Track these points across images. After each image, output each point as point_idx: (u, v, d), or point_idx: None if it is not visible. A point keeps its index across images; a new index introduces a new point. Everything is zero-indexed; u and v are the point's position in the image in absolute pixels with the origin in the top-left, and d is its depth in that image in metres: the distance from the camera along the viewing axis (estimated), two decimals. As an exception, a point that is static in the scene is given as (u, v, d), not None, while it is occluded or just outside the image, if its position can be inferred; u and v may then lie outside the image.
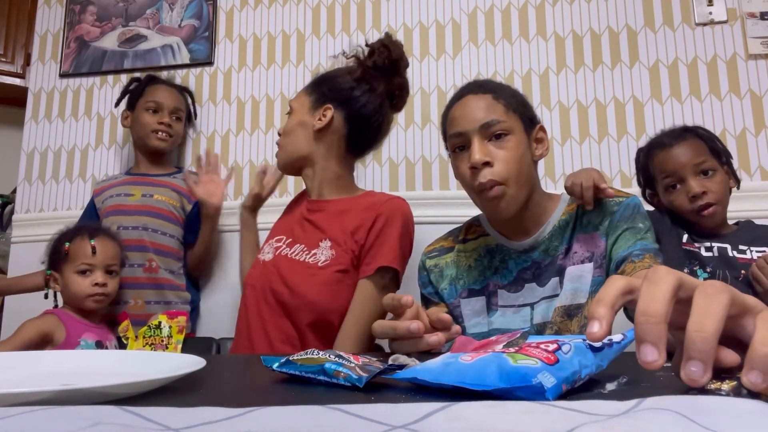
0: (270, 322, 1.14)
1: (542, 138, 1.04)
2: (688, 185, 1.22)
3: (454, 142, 1.01)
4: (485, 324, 1.03)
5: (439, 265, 1.11)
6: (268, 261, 1.21)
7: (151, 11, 1.93)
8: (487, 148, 0.96)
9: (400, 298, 0.75)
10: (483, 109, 0.98)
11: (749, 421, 0.26)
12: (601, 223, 1.00)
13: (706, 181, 1.22)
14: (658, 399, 0.29)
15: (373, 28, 1.79)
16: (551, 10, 1.70)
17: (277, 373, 0.51)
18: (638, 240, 0.95)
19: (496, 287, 1.04)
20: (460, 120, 0.99)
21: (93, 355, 0.64)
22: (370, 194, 1.27)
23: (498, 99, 0.99)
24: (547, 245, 1.01)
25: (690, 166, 1.22)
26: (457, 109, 1.01)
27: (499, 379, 0.38)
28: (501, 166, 0.95)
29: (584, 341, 0.43)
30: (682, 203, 1.24)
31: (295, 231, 1.23)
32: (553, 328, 0.98)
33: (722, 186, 1.24)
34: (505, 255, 1.05)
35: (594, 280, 0.98)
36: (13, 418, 0.27)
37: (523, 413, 0.28)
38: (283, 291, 1.14)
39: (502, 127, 0.96)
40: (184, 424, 0.27)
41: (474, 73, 1.70)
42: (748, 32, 1.56)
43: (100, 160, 1.89)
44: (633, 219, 0.98)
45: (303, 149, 1.25)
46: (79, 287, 1.32)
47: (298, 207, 1.31)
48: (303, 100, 1.28)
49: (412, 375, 0.43)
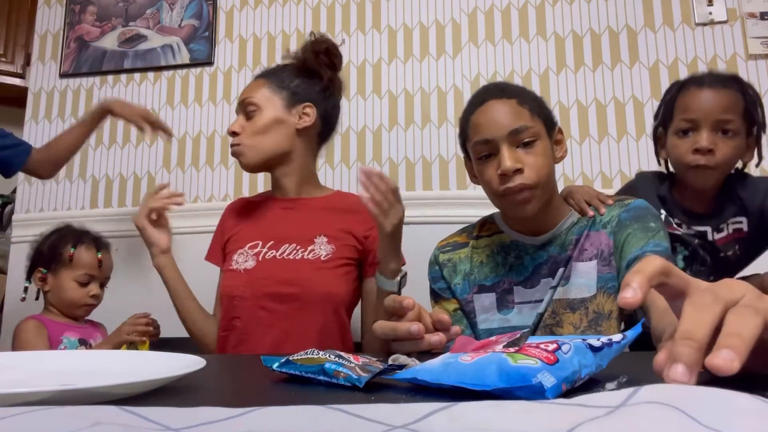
0: (275, 326, 1.14)
1: (561, 140, 1.04)
2: (700, 136, 1.11)
3: (479, 149, 0.98)
4: (495, 320, 1.03)
5: (452, 260, 1.11)
6: (252, 268, 1.18)
7: (151, 11, 1.93)
8: (517, 154, 0.95)
9: (402, 301, 0.75)
10: (509, 114, 0.96)
11: (748, 418, 0.26)
12: (609, 221, 1.00)
13: (720, 141, 1.11)
14: (654, 388, 0.29)
15: (373, 28, 1.79)
16: (551, 10, 1.70)
17: (277, 373, 0.51)
18: (650, 239, 0.93)
19: (512, 284, 1.04)
20: (486, 127, 0.97)
21: (93, 355, 0.64)
22: (345, 194, 1.32)
23: (522, 104, 0.97)
24: (563, 239, 1.02)
25: (713, 117, 1.10)
26: (480, 115, 0.99)
27: (498, 379, 0.38)
28: (531, 172, 0.94)
29: (584, 341, 0.43)
30: (682, 153, 1.14)
31: (277, 232, 1.21)
32: (555, 318, 0.98)
33: (734, 152, 1.12)
34: (521, 251, 1.05)
35: (601, 277, 0.98)
36: (13, 418, 0.27)
37: (523, 412, 0.28)
38: (291, 291, 1.13)
39: (531, 134, 0.95)
40: (184, 424, 0.27)
41: (474, 73, 1.70)
42: (748, 32, 1.56)
43: (100, 160, 1.89)
44: (644, 218, 0.97)
45: (283, 147, 1.23)
46: (76, 295, 1.32)
47: (265, 208, 1.27)
48: (270, 98, 1.24)
49: (412, 375, 0.43)
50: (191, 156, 1.83)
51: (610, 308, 0.97)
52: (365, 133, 1.73)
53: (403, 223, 1.08)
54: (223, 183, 1.79)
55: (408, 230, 1.63)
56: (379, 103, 1.74)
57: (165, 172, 1.84)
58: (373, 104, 1.74)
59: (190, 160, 1.83)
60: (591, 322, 0.97)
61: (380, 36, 1.78)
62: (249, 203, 1.33)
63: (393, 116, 1.72)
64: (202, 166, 1.82)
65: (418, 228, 1.58)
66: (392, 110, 1.73)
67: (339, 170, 1.72)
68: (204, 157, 1.82)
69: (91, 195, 1.87)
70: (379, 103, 1.74)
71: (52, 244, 1.37)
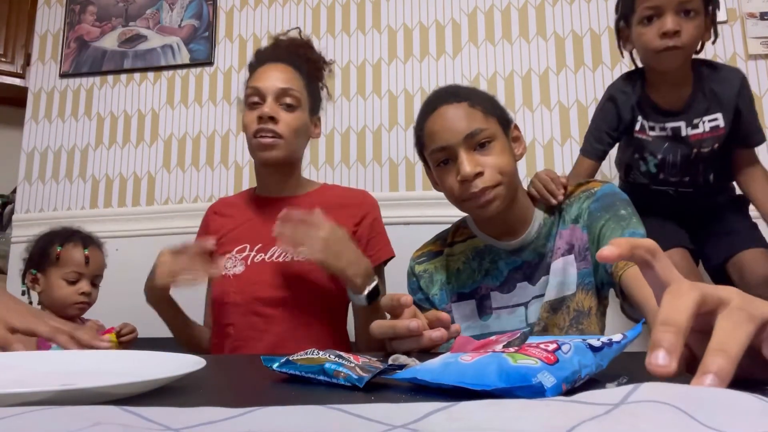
0: (270, 331, 1.12)
1: (518, 136, 1.02)
2: (665, 20, 1.17)
3: (437, 156, 0.97)
4: (476, 327, 1.02)
5: (428, 270, 1.09)
6: (242, 273, 1.15)
7: (151, 11, 1.93)
8: (475, 158, 0.93)
9: (399, 298, 0.74)
10: (463, 118, 0.94)
11: (749, 418, 0.26)
12: (579, 215, 0.99)
13: (684, 22, 1.18)
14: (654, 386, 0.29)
15: (373, 28, 1.79)
16: (551, 10, 1.70)
17: (277, 373, 0.51)
18: (625, 229, 0.93)
19: (488, 290, 1.03)
20: (441, 134, 0.95)
21: (93, 355, 0.64)
22: (330, 187, 1.29)
23: (474, 106, 0.95)
24: (536, 244, 1.00)
25: (675, 0, 1.17)
26: (434, 122, 0.97)
27: (498, 379, 0.38)
28: (491, 173, 0.93)
29: (584, 341, 0.43)
30: (650, 39, 1.20)
31: (265, 234, 1.16)
32: (540, 324, 0.97)
33: (698, 32, 1.19)
34: (495, 256, 1.03)
35: (580, 273, 0.97)
36: (13, 418, 0.27)
37: (523, 410, 0.28)
38: (284, 294, 1.11)
39: (486, 135, 0.94)
40: (184, 424, 0.27)
41: (474, 73, 1.70)
42: (748, 32, 1.56)
43: (100, 160, 1.89)
44: (613, 206, 0.95)
45: (300, 153, 1.23)
46: (64, 293, 1.32)
47: (250, 209, 1.23)
48: (305, 97, 1.19)
49: (412, 375, 0.43)
50: (191, 156, 1.83)
51: (589, 305, 0.96)
52: (365, 133, 1.73)
53: (347, 239, 1.03)
54: (223, 183, 1.79)
55: (408, 230, 1.64)
56: (379, 103, 1.74)
57: (165, 172, 1.84)
58: (373, 104, 1.74)
59: (190, 160, 1.83)
60: (572, 320, 0.96)
61: (380, 36, 1.78)
62: (232, 204, 1.28)
63: (393, 116, 1.72)
64: (202, 166, 1.82)
65: (418, 228, 1.58)
66: (392, 110, 1.73)
67: (339, 170, 1.72)
68: (204, 157, 1.82)
69: (91, 195, 1.87)
70: (379, 103, 1.74)
71: (41, 245, 1.38)
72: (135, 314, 1.34)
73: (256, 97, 1.15)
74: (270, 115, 1.12)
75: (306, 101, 1.19)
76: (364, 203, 1.23)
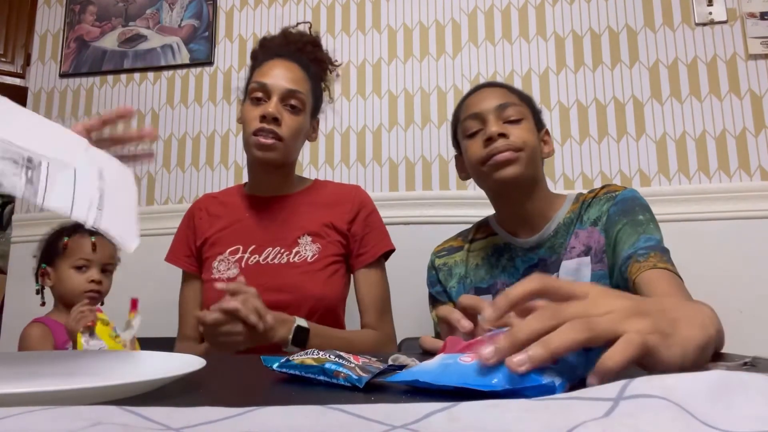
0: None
1: (548, 140, 1.08)
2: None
3: (468, 125, 1.03)
4: None
5: (447, 263, 1.12)
6: (236, 276, 1.11)
7: (151, 11, 1.93)
8: (503, 125, 0.99)
9: (459, 320, 0.62)
10: (499, 93, 1.03)
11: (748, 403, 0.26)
12: (599, 218, 1.00)
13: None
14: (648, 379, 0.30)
15: (373, 28, 1.79)
16: (551, 10, 1.70)
17: (277, 373, 0.51)
18: (641, 234, 0.93)
19: (504, 286, 1.04)
20: (475, 103, 1.03)
21: (93, 355, 0.64)
22: (323, 183, 1.28)
23: (512, 92, 1.05)
24: (552, 242, 1.02)
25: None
26: (471, 98, 1.06)
27: (506, 380, 0.38)
28: (516, 137, 0.98)
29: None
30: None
31: (258, 234, 1.15)
32: None
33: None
34: (513, 253, 1.05)
35: (595, 274, 0.97)
36: (13, 418, 0.27)
37: (523, 411, 0.28)
38: (281, 298, 1.07)
39: (518, 111, 1.00)
40: (184, 424, 0.27)
41: (474, 73, 1.70)
42: (748, 32, 1.56)
43: (100, 160, 1.89)
44: (632, 212, 0.96)
45: (296, 156, 1.22)
46: (75, 282, 1.31)
47: (240, 208, 1.21)
48: (309, 101, 1.17)
49: (412, 378, 0.43)
50: (191, 156, 1.83)
51: None
52: (365, 133, 1.73)
53: None
54: (223, 183, 1.79)
55: (408, 230, 1.64)
56: (379, 103, 1.74)
57: (165, 172, 1.84)
58: (373, 104, 1.74)
59: (190, 160, 1.83)
60: None
61: (380, 36, 1.78)
62: (219, 202, 1.25)
63: (393, 116, 1.72)
64: (202, 166, 1.82)
65: (418, 228, 1.59)
66: (392, 110, 1.73)
67: (339, 170, 1.72)
68: (204, 157, 1.82)
69: (91, 195, 1.87)
70: (379, 103, 1.74)
71: (49, 239, 1.37)
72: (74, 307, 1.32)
73: (260, 92, 1.13)
74: (274, 116, 1.10)
75: (309, 104, 1.17)
76: (357, 199, 1.21)
